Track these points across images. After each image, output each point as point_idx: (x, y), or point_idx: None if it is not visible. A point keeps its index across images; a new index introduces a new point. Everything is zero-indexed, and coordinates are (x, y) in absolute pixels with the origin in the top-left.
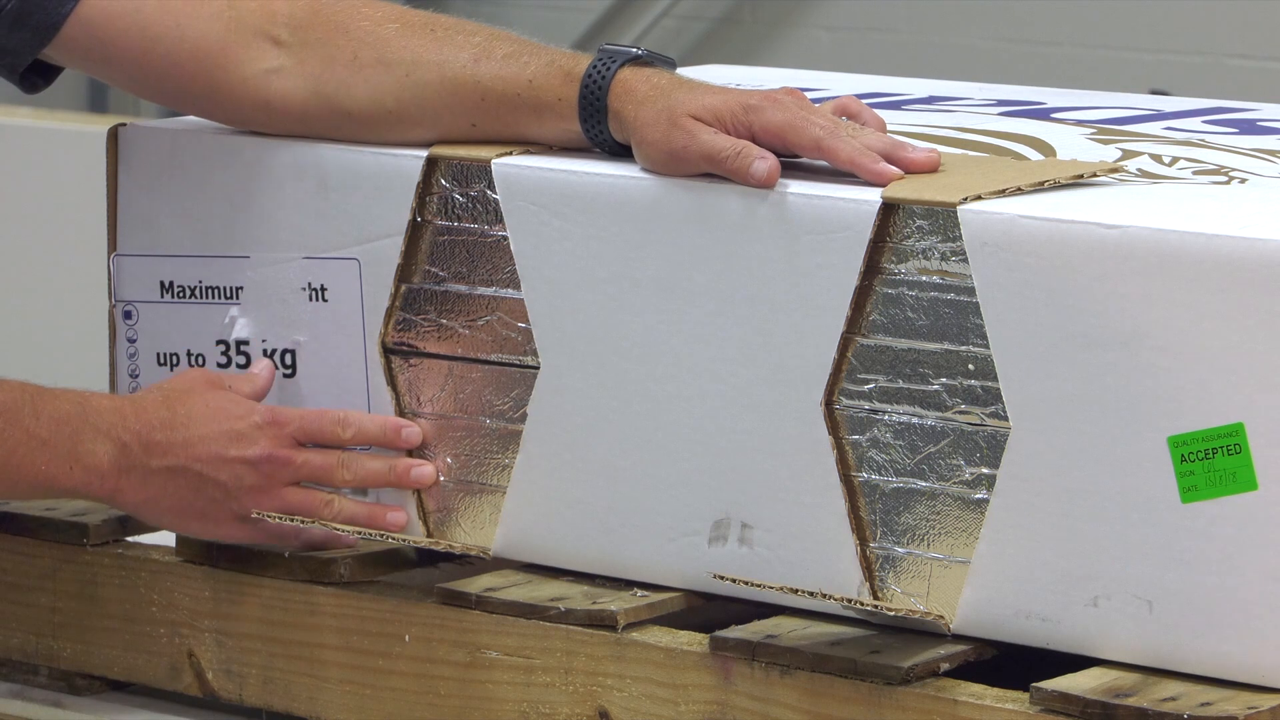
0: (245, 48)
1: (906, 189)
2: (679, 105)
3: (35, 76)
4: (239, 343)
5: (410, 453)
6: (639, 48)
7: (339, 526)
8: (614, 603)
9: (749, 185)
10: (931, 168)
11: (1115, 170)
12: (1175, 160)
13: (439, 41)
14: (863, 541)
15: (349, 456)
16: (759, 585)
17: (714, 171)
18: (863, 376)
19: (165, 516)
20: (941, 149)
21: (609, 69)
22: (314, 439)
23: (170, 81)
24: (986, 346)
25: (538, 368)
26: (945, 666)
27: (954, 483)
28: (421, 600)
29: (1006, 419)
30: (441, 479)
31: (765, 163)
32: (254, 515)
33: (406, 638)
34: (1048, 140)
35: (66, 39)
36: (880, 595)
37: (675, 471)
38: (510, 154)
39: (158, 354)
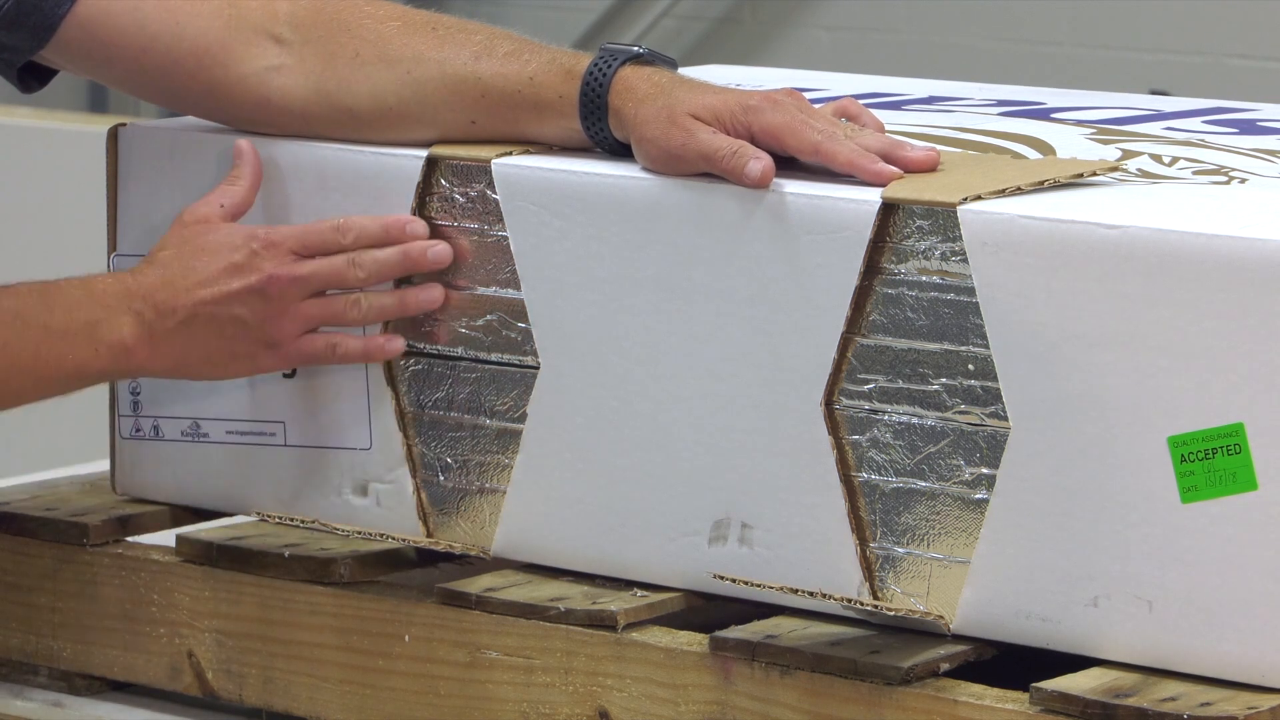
0: (246, 45)
1: (906, 189)
2: (679, 104)
3: (30, 78)
4: None
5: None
6: (640, 46)
7: (349, 351)
8: (614, 603)
9: (743, 185)
10: (930, 166)
11: (1115, 169)
12: (1175, 160)
13: (440, 39)
14: (863, 541)
15: (357, 254)
16: (759, 585)
17: (711, 171)
18: (863, 376)
19: (201, 368)
20: (941, 149)
21: (610, 67)
22: (313, 250)
23: (170, 80)
24: (986, 346)
25: (538, 368)
26: (945, 666)
27: (954, 483)
28: (421, 600)
29: (1006, 419)
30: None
31: (760, 163)
32: None
33: (406, 638)
34: (1048, 140)
35: (65, 39)
36: (880, 595)
37: (675, 471)
38: (510, 154)
39: None
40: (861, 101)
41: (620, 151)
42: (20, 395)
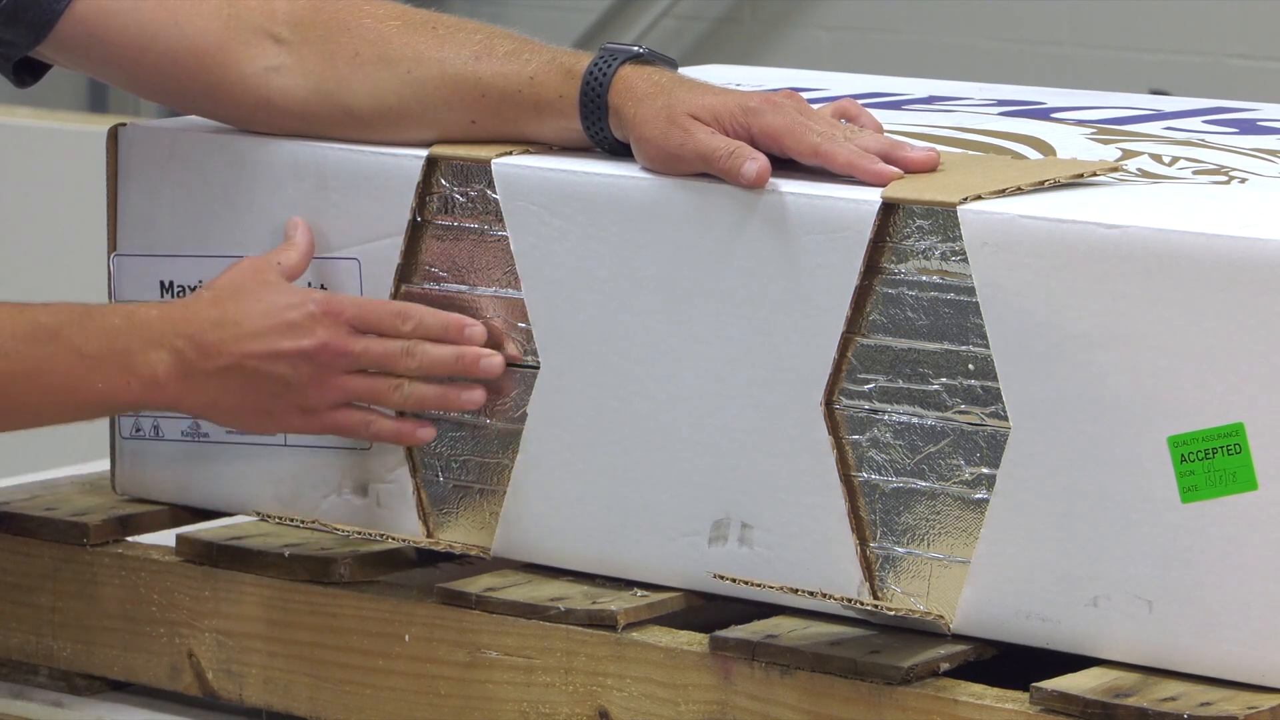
0: (245, 45)
1: (906, 189)
2: (678, 104)
3: (25, 72)
4: None
5: None
6: (640, 46)
7: (381, 431)
8: (614, 603)
9: (739, 185)
10: (930, 167)
11: (1115, 169)
12: (1175, 160)
13: (440, 39)
14: (863, 541)
15: (413, 343)
16: (759, 585)
17: (709, 171)
18: (863, 376)
19: (229, 416)
20: (941, 149)
21: (610, 66)
22: (370, 328)
23: (169, 80)
24: (986, 346)
25: (538, 368)
26: (945, 666)
27: (954, 483)
28: (421, 600)
29: (1006, 419)
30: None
31: (756, 164)
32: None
33: (406, 638)
34: (1048, 140)
35: (63, 36)
36: (880, 595)
37: (675, 471)
38: (510, 154)
39: None
40: (861, 101)
41: (620, 151)
42: (48, 416)
